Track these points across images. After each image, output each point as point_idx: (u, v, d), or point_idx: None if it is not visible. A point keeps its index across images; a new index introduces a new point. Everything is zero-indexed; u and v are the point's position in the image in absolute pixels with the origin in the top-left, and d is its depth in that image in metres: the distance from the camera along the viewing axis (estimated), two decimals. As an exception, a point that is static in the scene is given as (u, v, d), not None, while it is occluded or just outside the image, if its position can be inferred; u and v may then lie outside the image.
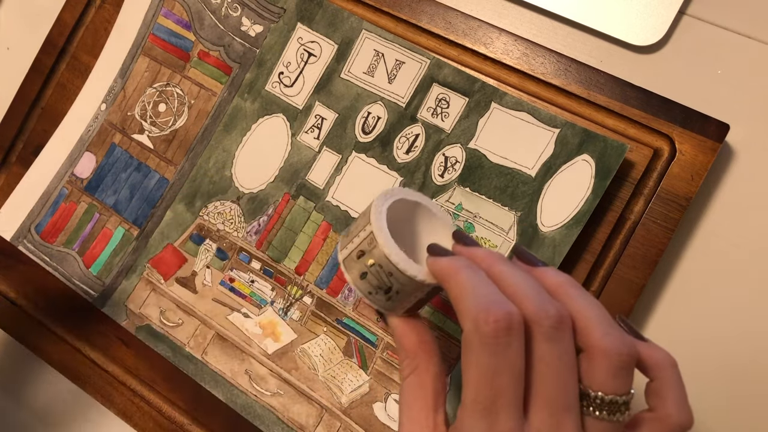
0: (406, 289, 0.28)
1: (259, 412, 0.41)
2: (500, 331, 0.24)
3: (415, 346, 0.29)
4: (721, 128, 0.37)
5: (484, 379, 0.24)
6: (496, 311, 0.24)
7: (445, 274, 0.27)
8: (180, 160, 0.46)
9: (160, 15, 0.47)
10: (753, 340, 0.38)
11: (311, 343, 0.41)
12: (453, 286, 0.26)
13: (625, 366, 0.24)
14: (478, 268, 0.27)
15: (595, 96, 0.39)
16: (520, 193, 0.39)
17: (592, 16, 0.41)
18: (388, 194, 0.29)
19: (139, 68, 0.47)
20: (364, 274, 0.28)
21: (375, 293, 0.28)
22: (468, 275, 0.26)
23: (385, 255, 0.27)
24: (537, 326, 0.24)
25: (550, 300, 0.25)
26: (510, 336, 0.24)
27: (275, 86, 0.44)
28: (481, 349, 0.24)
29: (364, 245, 0.28)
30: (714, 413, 0.38)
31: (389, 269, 0.27)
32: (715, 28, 0.41)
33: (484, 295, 0.25)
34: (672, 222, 0.37)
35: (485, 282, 0.26)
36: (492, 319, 0.24)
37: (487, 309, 0.24)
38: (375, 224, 0.28)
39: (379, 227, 0.28)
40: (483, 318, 0.24)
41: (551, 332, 0.24)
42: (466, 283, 0.26)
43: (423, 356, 0.28)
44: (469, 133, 0.40)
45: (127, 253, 0.46)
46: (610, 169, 0.37)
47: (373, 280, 0.28)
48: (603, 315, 0.25)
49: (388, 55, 0.42)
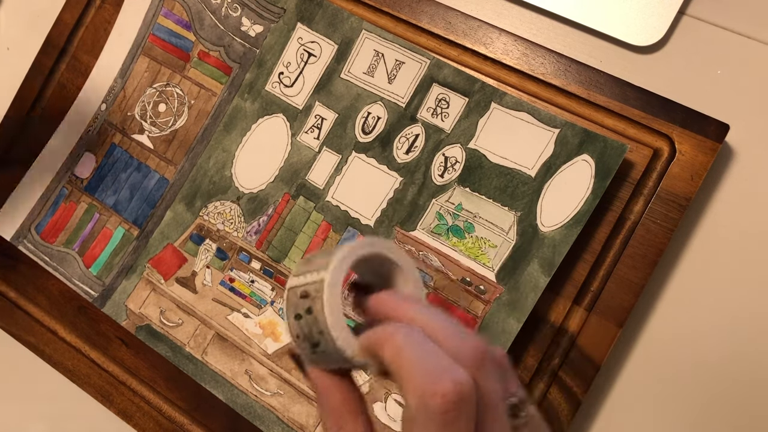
0: (332, 356, 0.25)
1: (259, 412, 0.41)
2: (449, 406, 0.21)
3: (339, 405, 0.25)
4: (721, 128, 0.37)
5: None
6: (444, 383, 0.21)
7: (375, 345, 0.24)
8: (180, 160, 0.46)
9: (160, 15, 0.47)
10: (753, 340, 0.38)
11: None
12: (389, 357, 0.23)
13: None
14: (413, 329, 0.23)
15: (594, 96, 0.39)
16: (520, 193, 0.39)
17: (592, 16, 0.41)
18: (363, 245, 0.26)
19: (139, 68, 0.47)
20: (299, 316, 0.26)
21: (302, 341, 0.26)
22: (405, 340, 0.23)
23: (324, 313, 0.25)
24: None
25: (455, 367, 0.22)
26: (460, 410, 0.21)
27: (275, 86, 0.44)
28: (427, 426, 0.21)
29: (310, 288, 0.26)
30: (714, 412, 0.38)
31: (321, 328, 0.25)
32: (715, 29, 0.41)
33: (429, 363, 0.22)
34: (672, 222, 0.37)
35: (426, 346, 0.23)
36: (439, 392, 0.21)
37: (433, 382, 0.21)
38: (330, 276, 0.25)
39: (332, 282, 0.25)
40: (430, 391, 0.21)
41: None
42: (404, 352, 0.22)
43: (348, 416, 0.25)
44: (469, 133, 0.40)
45: (127, 253, 0.46)
46: (609, 169, 0.37)
47: (305, 328, 0.26)
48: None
49: (388, 55, 0.42)
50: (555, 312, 0.38)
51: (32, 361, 0.47)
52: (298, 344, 0.26)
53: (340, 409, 0.26)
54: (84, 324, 0.46)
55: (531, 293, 0.37)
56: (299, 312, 0.26)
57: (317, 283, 0.25)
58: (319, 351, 0.25)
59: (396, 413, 0.40)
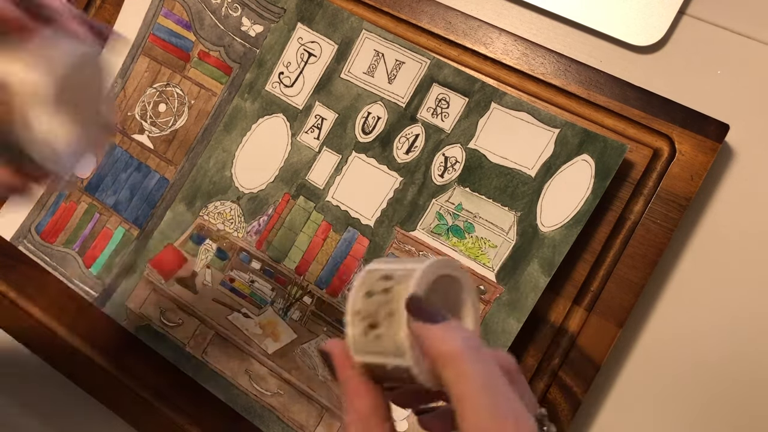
0: (383, 344, 0.25)
1: (259, 412, 0.41)
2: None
3: (369, 410, 0.25)
4: (721, 128, 0.37)
5: None
6: (521, 427, 0.21)
7: (437, 357, 0.23)
8: (180, 160, 0.46)
9: (160, 15, 0.47)
10: (753, 340, 0.38)
11: (311, 343, 0.41)
12: (451, 378, 0.22)
13: None
14: (481, 347, 0.23)
15: (594, 96, 0.39)
16: (520, 193, 0.39)
17: (592, 16, 0.41)
18: (450, 265, 0.26)
19: (139, 68, 0.47)
20: (371, 293, 0.25)
21: (361, 319, 0.25)
22: (472, 366, 0.22)
23: (402, 300, 0.24)
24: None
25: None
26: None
27: (275, 86, 0.44)
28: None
29: (398, 273, 0.25)
30: (714, 412, 0.38)
31: (392, 310, 0.24)
32: (715, 28, 0.41)
33: (500, 401, 0.21)
34: (672, 222, 0.37)
35: (497, 378, 0.22)
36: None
37: (505, 424, 0.21)
38: (422, 270, 0.24)
39: (422, 275, 0.24)
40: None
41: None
42: (473, 380, 0.21)
43: (376, 423, 0.25)
44: (469, 133, 0.40)
45: (128, 253, 0.46)
46: (609, 169, 0.37)
47: (372, 306, 0.25)
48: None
49: (388, 55, 0.42)
50: (555, 312, 0.38)
51: (32, 361, 0.47)
52: (353, 321, 0.25)
53: (369, 415, 0.25)
54: (84, 324, 0.46)
55: (531, 293, 0.37)
56: (374, 290, 0.25)
57: (407, 271, 0.25)
58: (373, 335, 0.25)
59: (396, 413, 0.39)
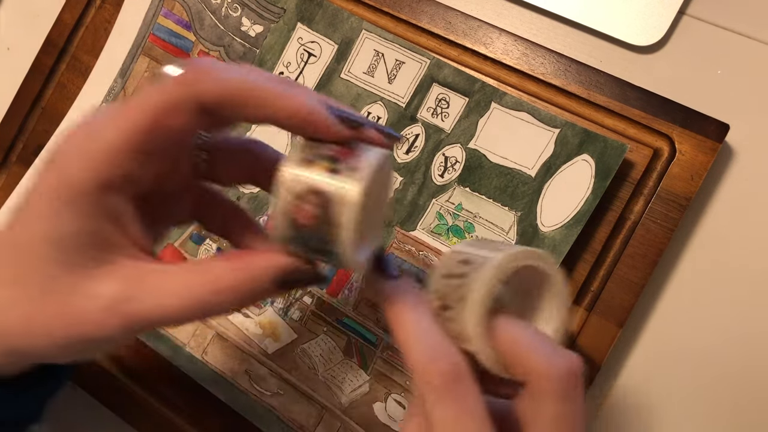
0: (455, 326, 0.25)
1: (259, 412, 0.41)
2: (449, 383, 0.23)
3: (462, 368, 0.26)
4: (721, 128, 0.37)
5: (450, 430, 0.23)
6: (440, 364, 0.23)
7: (388, 313, 0.25)
8: (180, 160, 0.46)
9: (160, 15, 0.47)
10: (753, 340, 0.38)
11: (311, 343, 0.41)
12: (396, 331, 0.25)
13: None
14: (422, 302, 0.25)
15: (595, 96, 0.39)
16: (520, 193, 0.39)
17: (592, 16, 0.41)
18: (534, 256, 0.25)
19: (139, 68, 0.47)
20: (451, 276, 0.25)
21: (435, 299, 0.26)
22: (411, 317, 0.25)
23: (477, 289, 0.24)
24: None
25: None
26: (460, 384, 0.23)
27: (275, 86, 0.44)
28: (437, 400, 0.23)
29: (477, 259, 0.25)
30: (714, 413, 0.38)
31: (463, 295, 0.24)
32: (715, 28, 0.41)
33: (428, 344, 0.24)
34: (672, 222, 0.37)
35: (428, 326, 0.24)
36: (437, 372, 0.23)
37: (433, 361, 0.23)
38: (499, 260, 0.24)
39: (499, 265, 0.24)
40: (430, 372, 0.23)
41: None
42: (410, 329, 0.24)
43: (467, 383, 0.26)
44: (469, 133, 0.40)
45: (127, 253, 0.46)
46: (610, 169, 0.37)
47: (448, 289, 0.25)
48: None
49: (388, 55, 0.42)
50: (555, 312, 0.38)
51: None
52: (429, 300, 0.26)
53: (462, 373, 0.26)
54: (84, 324, 0.46)
55: (531, 293, 0.37)
56: (452, 272, 0.25)
57: (484, 259, 0.25)
58: (444, 316, 0.25)
59: (396, 413, 0.40)
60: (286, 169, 0.23)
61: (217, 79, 0.23)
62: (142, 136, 0.23)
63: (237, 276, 0.24)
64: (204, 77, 0.23)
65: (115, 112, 0.24)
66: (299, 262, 0.24)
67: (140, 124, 0.23)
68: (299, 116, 0.24)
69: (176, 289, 0.24)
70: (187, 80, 0.24)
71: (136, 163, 0.24)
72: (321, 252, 0.24)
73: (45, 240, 0.23)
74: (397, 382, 0.40)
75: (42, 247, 0.23)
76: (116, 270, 0.24)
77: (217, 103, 0.24)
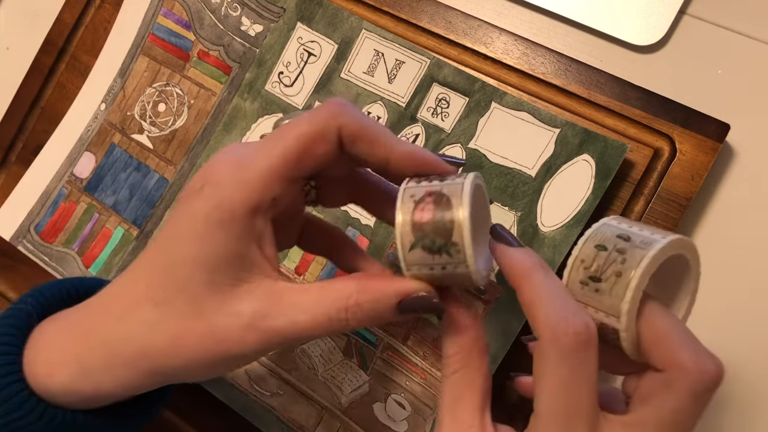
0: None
1: (258, 412, 0.41)
2: (580, 345, 0.23)
3: (471, 343, 0.27)
4: (722, 128, 0.37)
5: (563, 391, 0.23)
6: (576, 323, 0.23)
7: (517, 273, 0.26)
8: (180, 160, 0.46)
9: (159, 15, 0.47)
10: (753, 340, 0.38)
11: (311, 344, 0.41)
12: (527, 290, 0.25)
13: None
14: (549, 267, 0.26)
15: (595, 96, 0.39)
16: (520, 193, 0.39)
17: (593, 16, 0.41)
18: (680, 244, 0.26)
19: (138, 68, 0.47)
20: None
21: (583, 282, 0.26)
22: (543, 278, 0.25)
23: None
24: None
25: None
26: (588, 350, 0.23)
27: (275, 86, 0.44)
28: (560, 360, 0.23)
29: (628, 260, 0.25)
30: (714, 413, 0.38)
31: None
32: (715, 28, 0.40)
33: (563, 304, 0.24)
34: (672, 222, 0.37)
35: (561, 288, 0.25)
36: (572, 331, 0.23)
37: (566, 320, 0.24)
38: (646, 264, 0.25)
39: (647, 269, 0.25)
40: (563, 329, 0.23)
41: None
42: (542, 288, 0.25)
43: (476, 354, 0.27)
44: (469, 133, 0.40)
45: (127, 253, 0.46)
46: (610, 169, 0.37)
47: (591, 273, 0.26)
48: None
49: (388, 55, 0.42)
50: (555, 312, 0.38)
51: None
52: (574, 266, 0.26)
53: (471, 347, 0.27)
54: (83, 324, 0.46)
55: (531, 293, 0.37)
56: (607, 245, 0.26)
57: (646, 239, 0.25)
58: (593, 287, 0.26)
59: (396, 413, 0.39)
60: (406, 184, 0.27)
61: (356, 116, 0.26)
62: (293, 163, 0.26)
63: (363, 297, 0.25)
64: (345, 111, 0.26)
65: (265, 141, 0.27)
66: (422, 287, 0.26)
67: (292, 150, 0.26)
68: (414, 156, 0.27)
69: (308, 305, 0.25)
70: (332, 112, 0.26)
71: (282, 188, 0.26)
72: (442, 250, 0.25)
73: (196, 262, 0.25)
74: (397, 382, 0.40)
75: (193, 268, 0.25)
76: (255, 289, 0.26)
77: (354, 136, 0.26)
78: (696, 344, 0.24)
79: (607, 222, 0.27)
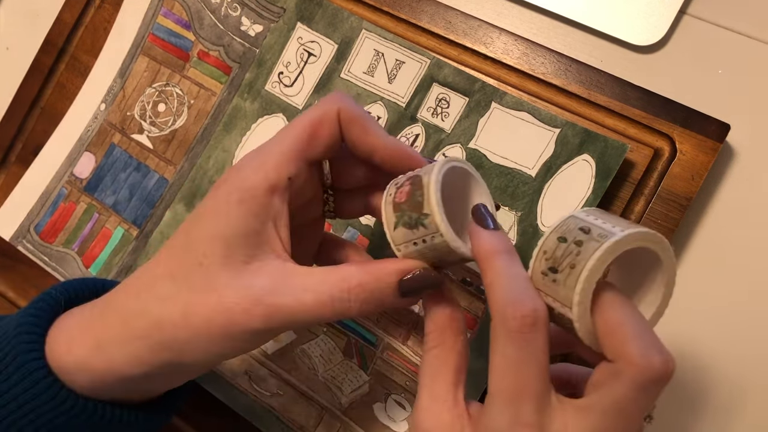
0: (561, 289, 0.26)
1: (259, 412, 0.41)
2: (526, 326, 0.24)
3: (446, 321, 0.28)
4: (722, 128, 0.37)
5: (511, 371, 0.25)
6: (525, 307, 0.25)
7: (482, 256, 0.27)
8: (179, 160, 0.46)
9: (159, 15, 0.47)
10: (754, 340, 0.38)
11: (311, 344, 0.41)
12: (488, 272, 0.26)
13: None
14: (515, 253, 0.27)
15: (595, 96, 0.39)
16: (520, 193, 0.39)
17: (593, 16, 0.41)
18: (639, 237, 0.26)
19: (138, 68, 0.47)
20: (563, 239, 0.26)
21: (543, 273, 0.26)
22: (504, 263, 0.26)
23: (587, 266, 0.25)
24: None
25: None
26: (535, 332, 0.24)
27: (275, 86, 0.44)
28: (507, 341, 0.25)
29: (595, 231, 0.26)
30: (714, 413, 0.38)
31: (575, 262, 0.25)
32: (715, 28, 0.40)
33: (517, 288, 0.25)
34: (672, 222, 0.37)
35: (520, 274, 0.26)
36: (519, 314, 0.24)
37: (515, 303, 0.25)
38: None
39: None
40: (511, 312, 0.25)
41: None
42: (501, 273, 0.26)
43: (450, 333, 0.28)
44: (469, 133, 0.40)
45: (127, 253, 0.46)
46: (610, 169, 0.37)
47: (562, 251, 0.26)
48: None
49: (388, 55, 0.42)
50: (555, 312, 0.38)
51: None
52: (538, 257, 0.27)
53: (446, 325, 0.28)
54: (83, 324, 0.46)
55: (531, 293, 0.37)
56: (568, 237, 0.26)
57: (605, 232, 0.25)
58: (551, 278, 0.26)
59: (396, 414, 0.39)
60: (395, 178, 0.30)
61: (353, 104, 0.30)
62: (304, 144, 0.29)
63: (365, 278, 0.27)
64: (344, 99, 0.30)
65: (278, 132, 0.30)
66: (419, 264, 0.28)
67: (301, 134, 0.29)
68: (399, 149, 0.30)
69: (312, 285, 0.27)
70: (333, 99, 0.30)
71: (296, 168, 0.29)
72: (418, 223, 0.27)
73: (215, 237, 0.27)
74: (396, 382, 0.40)
75: (212, 244, 0.27)
76: (265, 266, 0.27)
77: (350, 119, 0.29)
78: (648, 337, 0.25)
79: (575, 214, 0.27)
